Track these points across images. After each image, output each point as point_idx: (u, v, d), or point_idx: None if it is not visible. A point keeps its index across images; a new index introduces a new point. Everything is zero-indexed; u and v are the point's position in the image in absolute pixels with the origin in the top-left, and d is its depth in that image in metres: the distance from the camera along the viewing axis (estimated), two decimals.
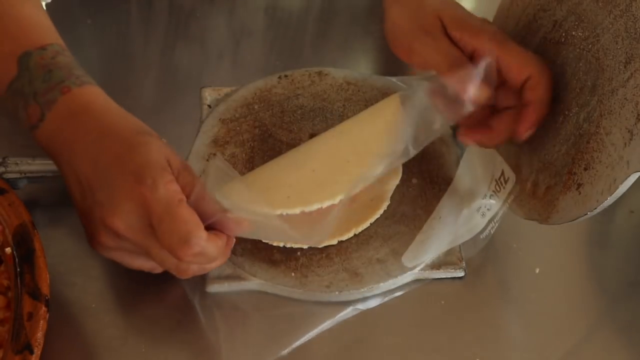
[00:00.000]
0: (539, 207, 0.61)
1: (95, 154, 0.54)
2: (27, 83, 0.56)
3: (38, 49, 0.57)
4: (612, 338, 0.62)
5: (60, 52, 0.58)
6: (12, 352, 0.50)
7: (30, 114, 0.56)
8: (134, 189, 0.52)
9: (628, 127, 0.52)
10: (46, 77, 0.56)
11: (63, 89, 0.56)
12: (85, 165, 0.54)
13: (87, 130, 0.55)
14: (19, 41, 0.57)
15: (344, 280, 0.61)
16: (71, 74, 0.57)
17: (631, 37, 0.53)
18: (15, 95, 0.56)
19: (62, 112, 0.56)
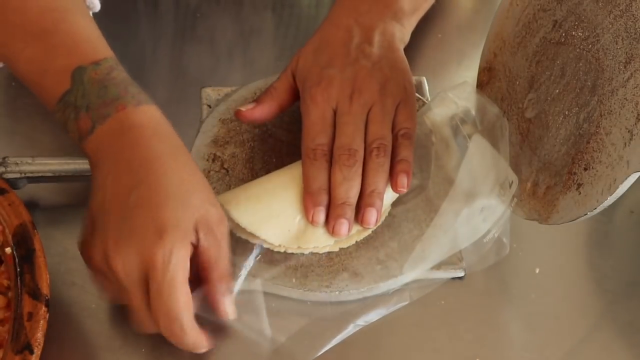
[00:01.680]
0: (539, 207, 0.61)
1: (130, 184, 0.53)
2: (80, 96, 0.56)
3: (92, 64, 0.57)
4: (612, 338, 0.62)
5: (114, 68, 0.58)
6: (12, 352, 0.50)
7: (81, 126, 0.55)
8: (149, 246, 0.51)
9: (628, 127, 0.52)
10: (101, 93, 0.56)
11: (119, 106, 0.55)
12: (117, 189, 0.53)
13: (133, 155, 0.54)
14: (73, 56, 0.57)
15: (344, 280, 0.61)
16: (127, 91, 0.56)
17: (631, 37, 0.53)
18: (67, 107, 0.56)
19: (114, 129, 0.55)
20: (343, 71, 0.64)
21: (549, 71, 0.61)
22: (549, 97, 0.61)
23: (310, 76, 0.65)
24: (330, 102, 0.63)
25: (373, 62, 0.65)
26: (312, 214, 0.60)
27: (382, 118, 0.63)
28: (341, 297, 0.61)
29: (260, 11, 0.75)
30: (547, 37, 0.61)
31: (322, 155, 0.61)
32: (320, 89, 0.63)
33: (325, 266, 0.62)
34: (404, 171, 0.62)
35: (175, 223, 0.52)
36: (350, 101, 0.63)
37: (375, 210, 0.61)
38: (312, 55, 0.66)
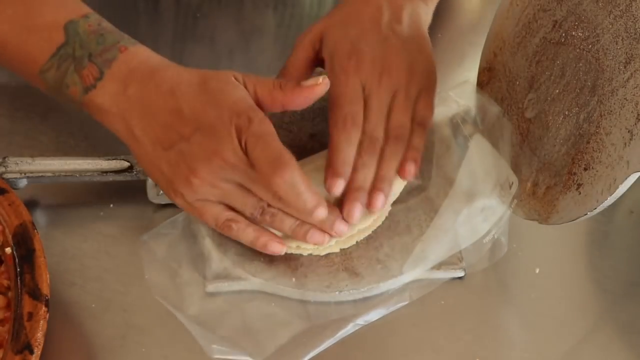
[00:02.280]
0: (539, 207, 0.61)
1: (178, 101, 0.56)
2: (78, 47, 0.57)
3: (82, 17, 0.58)
4: (612, 338, 0.62)
5: (102, 20, 0.60)
6: (12, 352, 0.50)
7: (86, 75, 0.57)
8: (231, 124, 0.54)
9: (628, 127, 0.52)
10: (100, 40, 0.58)
11: (121, 47, 0.58)
12: (168, 114, 0.56)
13: (157, 82, 0.56)
14: (61, 11, 0.58)
15: (344, 280, 0.61)
16: (122, 35, 0.59)
17: (631, 37, 0.53)
18: (64, 60, 0.57)
19: (123, 70, 0.57)
20: (374, 48, 0.64)
21: (549, 71, 0.61)
22: (549, 97, 0.61)
23: (340, 48, 0.64)
24: (360, 77, 0.63)
25: (402, 41, 0.64)
26: (332, 184, 0.60)
27: (405, 105, 0.63)
28: (341, 297, 0.61)
29: (261, 10, 0.75)
30: (547, 37, 0.61)
31: (353, 124, 0.61)
32: (352, 63, 0.63)
33: (325, 266, 0.62)
34: (413, 159, 0.62)
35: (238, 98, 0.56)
36: (379, 82, 0.62)
37: (383, 196, 0.61)
38: (340, 28, 0.65)
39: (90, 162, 0.64)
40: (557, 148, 0.59)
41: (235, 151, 0.55)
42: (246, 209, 0.58)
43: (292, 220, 0.59)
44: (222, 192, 0.57)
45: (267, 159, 0.54)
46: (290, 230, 0.59)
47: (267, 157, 0.54)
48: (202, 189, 0.56)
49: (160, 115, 0.56)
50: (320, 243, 0.60)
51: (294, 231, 0.59)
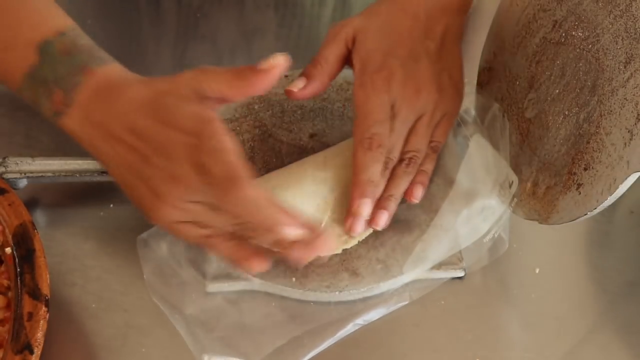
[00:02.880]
0: (539, 207, 0.61)
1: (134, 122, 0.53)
2: (49, 70, 0.56)
3: (58, 35, 0.57)
4: (612, 338, 0.62)
5: (79, 36, 0.58)
6: (12, 352, 0.50)
7: (55, 101, 0.55)
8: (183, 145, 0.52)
9: (628, 127, 0.52)
10: (68, 62, 0.56)
11: (86, 70, 0.56)
12: (129, 136, 0.53)
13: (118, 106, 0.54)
14: (38, 29, 0.57)
15: (344, 280, 0.61)
16: (92, 55, 0.57)
17: (631, 37, 0.53)
18: (37, 84, 0.56)
19: (86, 95, 0.55)
20: (405, 65, 0.64)
21: (549, 71, 0.61)
22: (549, 97, 0.61)
23: (371, 60, 0.64)
24: (390, 94, 0.63)
25: (433, 62, 0.65)
26: (357, 205, 0.60)
27: (426, 132, 0.64)
28: (341, 297, 0.61)
29: (263, 10, 0.75)
30: (547, 37, 0.61)
31: (378, 146, 0.61)
32: (381, 77, 0.63)
33: (325, 266, 0.62)
34: (422, 183, 0.64)
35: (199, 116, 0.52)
36: (408, 105, 0.63)
37: (388, 214, 0.62)
38: (374, 35, 0.65)
39: (90, 162, 0.64)
40: (557, 148, 0.59)
41: (192, 173, 0.52)
42: (219, 229, 0.55)
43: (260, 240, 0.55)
44: (192, 214, 0.54)
45: (220, 178, 0.51)
46: (274, 245, 0.54)
47: (219, 175, 0.51)
48: (170, 213, 0.54)
49: (122, 138, 0.54)
50: (304, 260, 0.55)
51: (277, 244, 0.54)
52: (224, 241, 0.55)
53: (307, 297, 0.61)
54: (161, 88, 0.55)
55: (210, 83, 0.54)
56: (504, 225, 0.63)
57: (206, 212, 0.54)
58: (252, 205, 0.51)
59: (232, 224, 0.53)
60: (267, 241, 0.54)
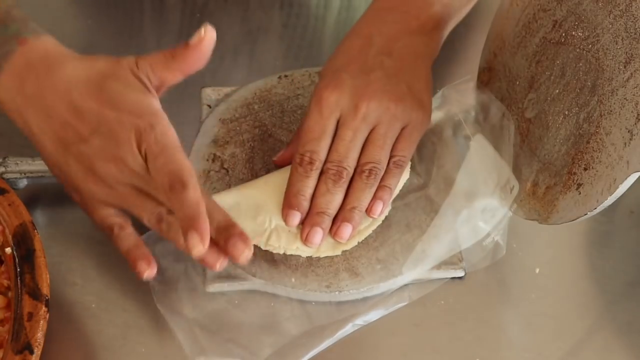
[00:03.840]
0: (539, 207, 0.61)
1: (75, 101, 0.54)
2: None
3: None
4: (612, 338, 0.62)
5: (13, 6, 0.57)
6: (12, 352, 0.50)
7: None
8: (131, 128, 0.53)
9: (628, 127, 0.52)
10: (1, 31, 0.55)
11: (20, 40, 0.55)
12: (66, 113, 0.54)
13: (55, 80, 0.54)
14: None
15: (344, 280, 0.61)
16: (27, 26, 0.56)
17: (631, 37, 0.53)
18: None
19: (20, 64, 0.55)
20: (355, 77, 0.62)
21: (549, 71, 0.61)
22: (549, 97, 0.61)
23: (322, 78, 0.63)
24: (334, 111, 0.61)
25: (389, 75, 0.62)
26: (286, 216, 0.61)
27: (383, 142, 0.61)
28: (341, 297, 0.61)
29: (267, 10, 0.75)
30: (547, 37, 0.61)
31: (309, 162, 0.61)
32: (328, 91, 0.61)
33: (325, 266, 0.62)
34: (382, 199, 0.62)
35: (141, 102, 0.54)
36: (356, 113, 0.61)
37: (351, 227, 0.61)
38: (327, 62, 0.64)
39: None
40: (557, 148, 0.59)
41: (135, 157, 0.53)
42: (143, 214, 0.55)
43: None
44: (119, 195, 0.55)
45: (168, 174, 0.52)
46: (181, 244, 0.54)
47: (168, 172, 0.52)
48: (100, 190, 0.55)
49: (57, 113, 0.54)
50: (212, 266, 0.54)
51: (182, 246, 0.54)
52: (129, 235, 0.56)
53: (307, 297, 0.61)
54: (104, 71, 0.55)
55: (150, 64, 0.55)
56: (502, 230, 0.63)
57: (135, 196, 0.55)
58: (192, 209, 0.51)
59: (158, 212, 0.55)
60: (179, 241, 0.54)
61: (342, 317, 0.60)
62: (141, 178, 0.54)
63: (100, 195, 0.55)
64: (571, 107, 0.58)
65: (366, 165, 0.61)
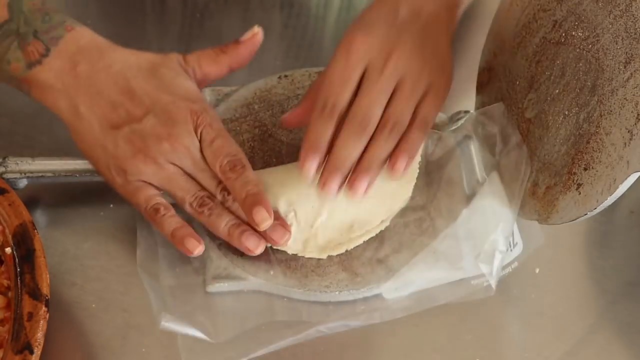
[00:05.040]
0: (539, 207, 0.61)
1: (128, 83, 0.58)
2: (22, 24, 0.58)
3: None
4: (612, 338, 0.62)
5: (45, 1, 0.60)
6: (12, 352, 0.50)
7: (30, 51, 0.58)
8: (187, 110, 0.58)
9: (628, 127, 0.52)
10: (46, 19, 0.59)
11: (67, 26, 0.59)
12: (118, 94, 0.58)
13: (108, 63, 0.59)
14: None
15: (343, 280, 0.61)
16: (66, 16, 0.60)
17: (631, 37, 0.53)
18: (6, 37, 0.58)
19: (71, 48, 0.59)
20: (384, 35, 0.60)
21: (549, 71, 0.61)
22: (549, 97, 0.61)
23: (349, 33, 0.60)
24: (363, 60, 0.59)
25: (416, 37, 0.60)
26: (304, 161, 0.58)
27: (410, 95, 0.59)
28: (341, 297, 0.61)
29: (268, 10, 0.75)
30: (547, 37, 0.61)
31: (331, 109, 0.58)
32: (358, 38, 0.59)
33: (325, 266, 0.62)
34: (407, 151, 0.59)
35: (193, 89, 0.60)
36: (385, 63, 0.59)
37: (367, 179, 0.58)
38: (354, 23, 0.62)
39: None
40: (557, 148, 0.59)
41: (191, 136, 0.57)
42: (186, 196, 0.58)
43: (229, 217, 0.59)
44: (166, 175, 0.58)
45: (228, 155, 0.57)
46: (227, 228, 0.58)
47: (227, 153, 0.57)
48: (148, 168, 0.57)
49: (110, 94, 0.58)
50: (254, 249, 0.58)
51: (230, 229, 0.58)
52: (172, 216, 0.58)
53: (307, 297, 0.61)
54: (154, 60, 0.60)
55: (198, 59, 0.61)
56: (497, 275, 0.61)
57: (181, 178, 0.58)
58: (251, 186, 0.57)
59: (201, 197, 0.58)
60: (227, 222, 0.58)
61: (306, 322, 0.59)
62: (192, 158, 0.58)
63: (147, 175, 0.58)
64: (571, 107, 0.58)
65: (390, 119, 0.58)
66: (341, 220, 0.62)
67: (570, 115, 0.58)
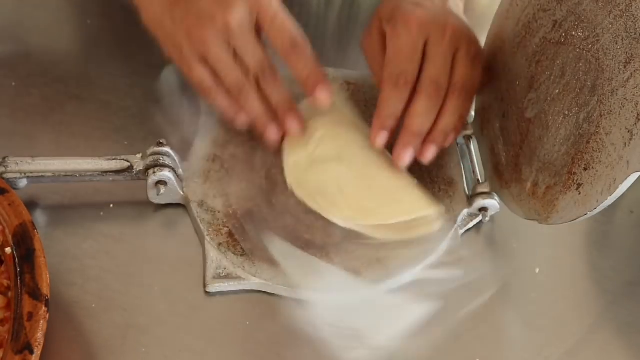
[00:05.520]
0: (539, 207, 0.61)
1: None
2: None
3: None
4: (612, 338, 0.62)
5: None
6: (12, 352, 0.50)
7: None
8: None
9: (628, 127, 0.52)
10: None
11: None
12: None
13: None
14: None
15: (344, 280, 0.61)
16: None
17: (631, 37, 0.53)
18: None
19: None
20: (429, 10, 0.63)
21: (549, 71, 0.61)
22: (549, 97, 0.61)
23: (400, 10, 0.63)
24: (424, 32, 0.62)
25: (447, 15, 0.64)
26: (376, 136, 0.62)
27: (468, 62, 0.63)
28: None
29: None
30: (547, 37, 0.61)
31: (405, 83, 0.61)
32: (415, 15, 0.62)
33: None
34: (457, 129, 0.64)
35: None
36: (444, 36, 0.62)
37: (436, 148, 0.62)
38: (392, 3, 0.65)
39: (90, 162, 0.64)
40: (557, 148, 0.59)
41: (245, 14, 0.59)
42: (228, 77, 0.61)
43: (261, 106, 0.63)
44: (215, 53, 0.60)
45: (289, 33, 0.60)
46: (255, 114, 0.63)
47: (288, 31, 0.61)
48: (199, 46, 0.60)
49: None
50: (272, 138, 0.64)
51: (258, 116, 0.63)
52: (225, 94, 0.62)
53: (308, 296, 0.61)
54: None
55: None
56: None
57: (227, 58, 0.61)
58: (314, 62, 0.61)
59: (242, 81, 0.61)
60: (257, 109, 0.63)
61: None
62: (241, 38, 0.60)
63: (197, 50, 0.61)
64: (571, 107, 0.58)
65: (457, 84, 0.62)
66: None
67: (570, 115, 0.58)
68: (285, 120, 0.64)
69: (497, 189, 0.66)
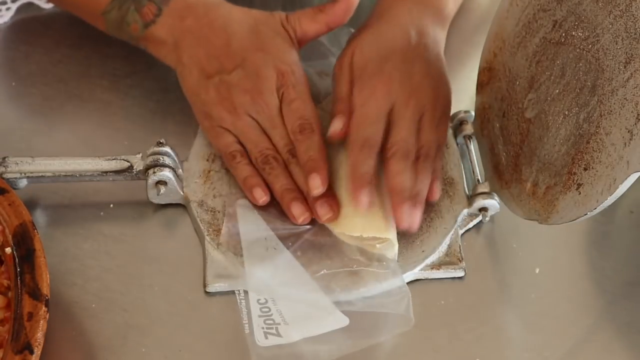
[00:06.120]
0: (539, 207, 0.61)
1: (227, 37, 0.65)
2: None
3: None
4: (612, 338, 0.62)
5: None
6: (12, 352, 0.50)
7: (145, 13, 0.66)
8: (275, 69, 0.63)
9: (628, 127, 0.52)
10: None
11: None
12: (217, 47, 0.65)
13: (212, 18, 0.66)
14: None
15: (343, 280, 0.61)
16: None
17: (631, 37, 0.53)
18: (124, 2, 0.66)
19: (179, 6, 0.66)
20: (401, 70, 0.65)
21: (549, 71, 0.61)
22: (549, 97, 0.61)
23: (369, 66, 0.65)
24: (388, 99, 0.64)
25: (427, 66, 0.66)
26: (358, 196, 0.61)
27: (433, 127, 0.65)
28: (341, 297, 0.61)
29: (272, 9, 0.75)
30: (547, 37, 0.61)
31: (369, 147, 0.62)
32: (381, 82, 0.64)
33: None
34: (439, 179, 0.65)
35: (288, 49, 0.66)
36: (408, 103, 0.64)
37: (420, 211, 0.62)
38: (369, 46, 0.66)
39: (90, 162, 0.64)
40: (557, 148, 0.59)
41: (272, 93, 0.63)
42: (254, 150, 0.63)
43: (286, 181, 0.63)
44: (243, 125, 0.63)
45: (301, 117, 0.62)
46: (280, 190, 0.63)
47: (301, 115, 0.62)
48: (228, 116, 0.63)
49: (209, 47, 0.65)
50: (298, 217, 0.62)
51: (282, 192, 0.63)
52: (247, 164, 0.64)
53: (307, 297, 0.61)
54: (258, 17, 0.66)
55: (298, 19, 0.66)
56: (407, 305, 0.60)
57: (254, 131, 0.63)
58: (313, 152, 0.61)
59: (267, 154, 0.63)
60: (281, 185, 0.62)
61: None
62: (268, 115, 0.63)
63: (226, 122, 0.64)
64: (571, 107, 0.58)
65: (423, 148, 0.64)
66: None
67: (570, 115, 0.58)
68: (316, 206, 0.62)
69: (497, 189, 0.66)
